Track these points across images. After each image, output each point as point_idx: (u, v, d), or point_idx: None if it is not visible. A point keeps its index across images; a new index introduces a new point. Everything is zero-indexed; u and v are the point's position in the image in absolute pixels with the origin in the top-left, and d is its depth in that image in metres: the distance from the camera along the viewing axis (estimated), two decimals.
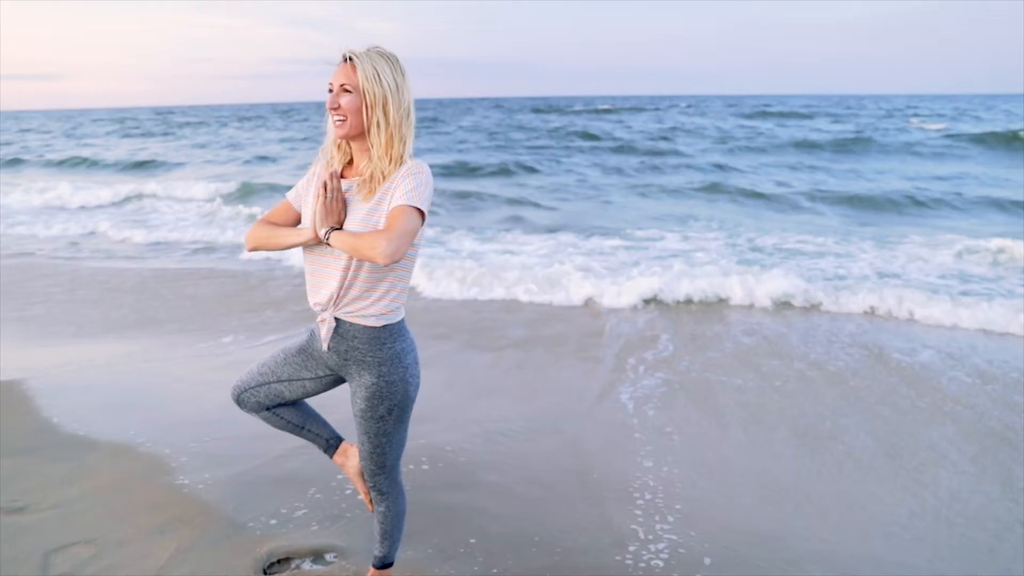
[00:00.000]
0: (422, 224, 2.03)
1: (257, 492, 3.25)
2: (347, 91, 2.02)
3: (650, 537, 2.92)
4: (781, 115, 38.39)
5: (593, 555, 2.80)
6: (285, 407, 2.40)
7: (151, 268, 8.29)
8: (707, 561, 2.76)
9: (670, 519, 3.06)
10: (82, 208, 14.02)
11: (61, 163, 23.95)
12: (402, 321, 2.20)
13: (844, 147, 22.13)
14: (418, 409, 4.08)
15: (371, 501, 2.43)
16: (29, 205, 14.20)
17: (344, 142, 2.14)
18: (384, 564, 2.49)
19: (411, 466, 3.51)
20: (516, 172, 18.21)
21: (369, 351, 2.15)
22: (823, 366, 4.98)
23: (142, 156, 24.97)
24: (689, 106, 52.45)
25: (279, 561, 2.75)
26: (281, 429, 2.44)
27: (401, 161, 2.06)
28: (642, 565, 2.74)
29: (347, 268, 2.07)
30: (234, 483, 3.33)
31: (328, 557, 2.77)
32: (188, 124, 46.36)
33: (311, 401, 2.46)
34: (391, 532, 2.45)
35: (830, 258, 8.26)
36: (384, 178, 2.05)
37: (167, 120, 53.85)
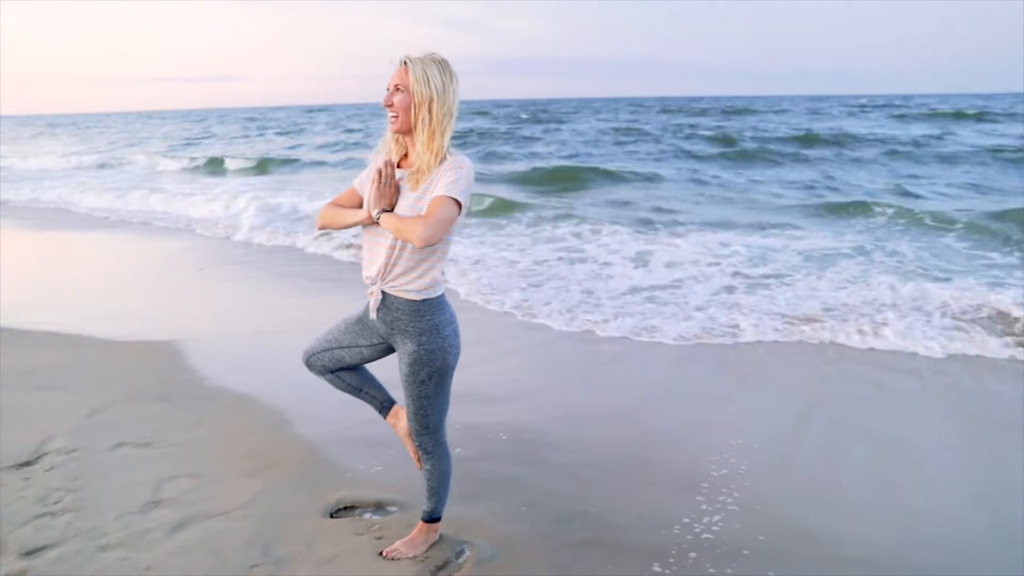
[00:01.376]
0: (459, 213, 2.27)
1: (341, 449, 3.61)
2: (400, 91, 2.29)
3: (694, 524, 2.98)
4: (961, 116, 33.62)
5: (634, 533, 2.90)
6: (346, 371, 2.71)
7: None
8: (745, 552, 2.79)
9: (720, 510, 3.09)
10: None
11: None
12: (442, 296, 2.45)
13: None
14: (504, 389, 4.42)
15: (419, 459, 2.68)
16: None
17: (401, 136, 2.40)
18: (431, 518, 2.75)
19: (487, 439, 3.75)
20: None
21: (411, 322, 2.41)
22: (927, 380, 4.70)
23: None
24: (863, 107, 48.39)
25: (345, 508, 3.08)
26: (342, 390, 2.76)
27: (441, 154, 2.30)
28: (677, 547, 2.81)
29: (393, 247, 2.34)
30: (324, 440, 3.71)
31: (389, 509, 3.06)
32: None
33: (370, 367, 2.75)
34: (437, 489, 2.70)
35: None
36: (428, 170, 2.29)
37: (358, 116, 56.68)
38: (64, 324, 5.61)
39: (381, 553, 2.71)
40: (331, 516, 3.01)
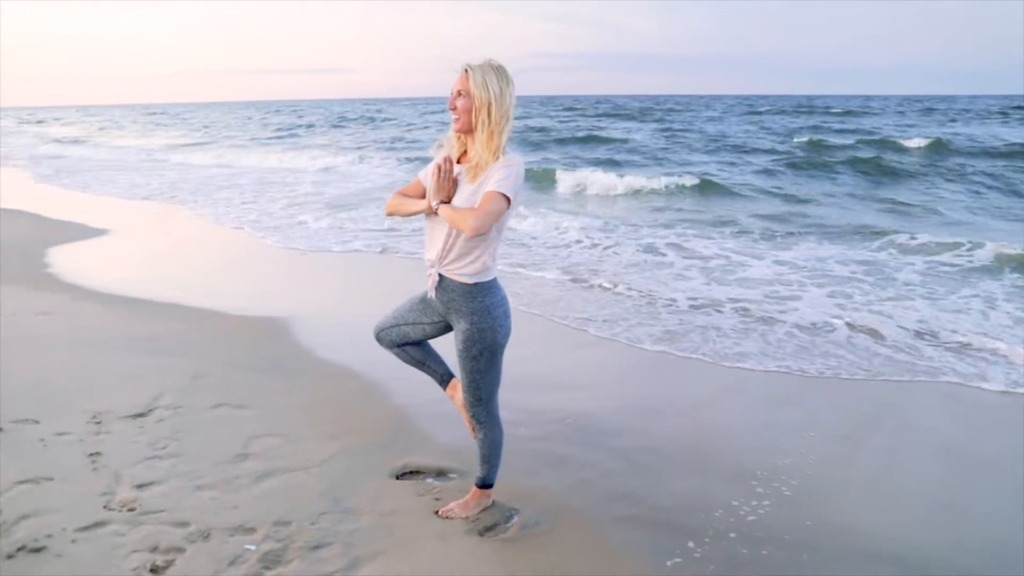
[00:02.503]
0: (508, 207, 2.52)
1: (414, 421, 3.93)
2: (461, 95, 2.55)
3: (739, 509, 3.10)
4: None
5: (675, 513, 3.06)
6: (410, 345, 3.01)
7: None
8: (785, 537, 2.89)
9: (768, 499, 3.19)
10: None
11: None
12: (493, 280, 2.70)
13: None
14: (573, 378, 4.63)
15: (473, 429, 2.95)
16: None
17: (462, 135, 2.67)
18: (484, 484, 3.01)
19: (551, 422, 3.97)
20: None
21: (464, 302, 2.68)
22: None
23: None
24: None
25: (411, 472, 3.38)
26: (407, 364, 3.06)
27: (499, 153, 2.54)
28: (715, 529, 2.95)
29: (449, 235, 2.62)
30: (401, 412, 4.04)
31: (449, 476, 3.34)
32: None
33: (432, 343, 3.04)
34: (489, 457, 2.96)
35: None
36: (485, 166, 2.55)
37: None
38: (183, 297, 6.24)
39: (437, 512, 2.99)
40: (397, 478, 3.32)
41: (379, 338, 3.03)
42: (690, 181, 14.74)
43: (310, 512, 2.94)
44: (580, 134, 27.36)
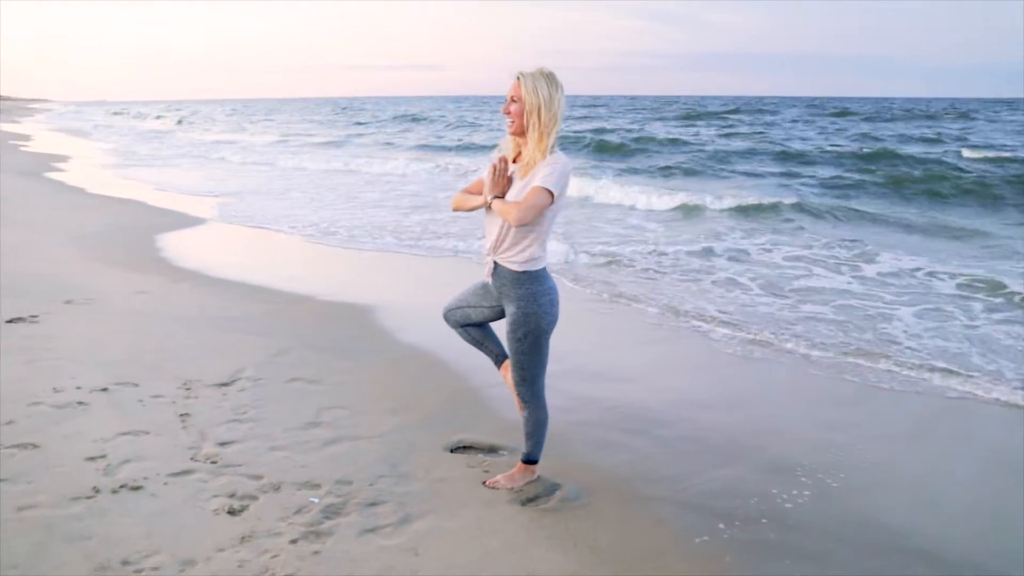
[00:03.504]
0: (551, 202, 2.78)
1: (475, 402, 4.22)
2: (515, 101, 2.81)
3: (771, 500, 3.24)
4: None
5: (709, 497, 3.23)
6: (472, 326, 3.30)
7: None
8: (816, 526, 3.03)
9: (806, 492, 3.32)
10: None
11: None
12: (541, 270, 2.96)
13: None
14: (625, 371, 4.82)
15: (520, 407, 3.21)
16: None
17: (515, 137, 2.93)
18: (528, 459, 3.26)
19: (602, 409, 4.19)
20: None
21: (513, 289, 2.95)
22: None
23: None
24: None
25: (464, 447, 3.66)
26: (468, 343, 3.35)
27: (547, 152, 2.80)
28: (747, 514, 3.11)
29: (502, 226, 2.90)
30: (461, 393, 4.34)
31: (500, 453, 3.61)
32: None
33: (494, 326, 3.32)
34: (533, 434, 3.21)
35: None
36: (535, 164, 2.81)
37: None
38: (274, 283, 6.76)
39: (484, 483, 3.26)
40: (451, 451, 3.61)
41: (445, 317, 3.34)
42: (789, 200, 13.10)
43: (369, 474, 3.26)
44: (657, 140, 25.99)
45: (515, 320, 2.98)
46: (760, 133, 29.94)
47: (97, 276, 6.80)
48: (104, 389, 4.03)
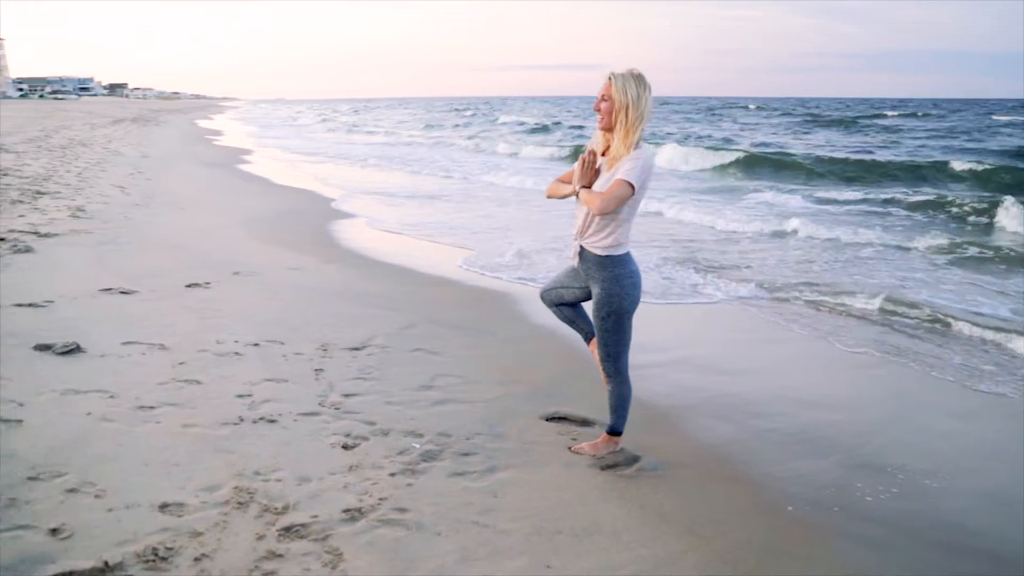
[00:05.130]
0: (632, 194, 3.09)
1: (576, 381, 4.54)
2: (605, 99, 3.13)
3: (849, 493, 3.34)
4: None
5: (785, 483, 3.38)
6: (564, 306, 3.65)
7: None
8: (890, 521, 3.12)
9: (894, 489, 3.38)
10: None
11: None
12: (624, 255, 3.27)
13: None
14: (738, 366, 4.98)
15: (605, 381, 3.52)
16: None
17: (605, 132, 3.25)
18: (612, 431, 3.57)
19: (700, 398, 4.41)
20: None
21: (597, 271, 3.28)
22: None
23: None
24: None
25: (559, 418, 4.01)
26: (561, 320, 3.71)
27: (632, 148, 3.09)
28: (820, 499, 3.24)
29: (588, 214, 3.24)
30: (567, 372, 4.69)
31: (592, 425, 3.92)
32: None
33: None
34: (616, 407, 3.51)
35: None
36: (620, 158, 3.12)
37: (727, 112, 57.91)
38: (418, 265, 7.43)
39: (570, 448, 3.60)
40: (546, 420, 3.97)
41: (542, 297, 3.71)
42: None
43: (467, 431, 3.69)
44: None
45: (599, 300, 3.30)
46: None
47: (262, 253, 7.76)
48: (256, 344, 4.74)
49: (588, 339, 3.66)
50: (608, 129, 3.19)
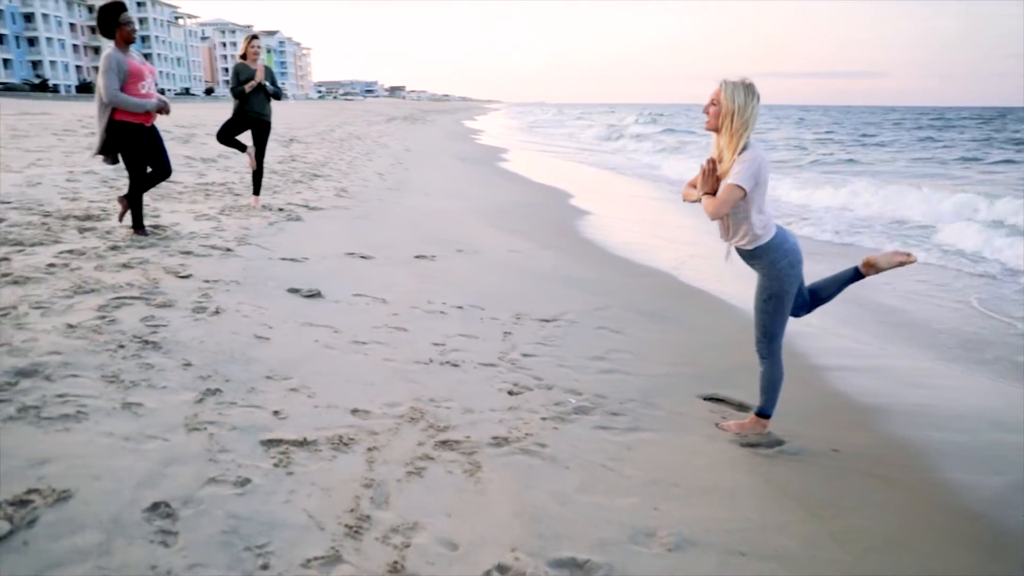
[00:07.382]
0: (743, 196, 3.30)
1: (750, 373, 4.71)
2: (714, 104, 3.36)
3: (1006, 510, 3.25)
4: None
5: (937, 490, 3.36)
6: (814, 299, 3.78)
7: None
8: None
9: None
10: None
11: None
12: (771, 240, 3.46)
13: None
14: (853, 360, 4.86)
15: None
16: None
17: (712, 133, 3.45)
18: (761, 412, 3.76)
19: (854, 392, 4.40)
20: None
21: (751, 262, 3.56)
22: None
23: None
24: None
25: (716, 399, 4.25)
26: (830, 300, 3.85)
27: (737, 152, 3.30)
28: (967, 511, 3.20)
29: (725, 216, 3.47)
30: (740, 363, 4.86)
31: (746, 410, 4.12)
32: None
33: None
34: (767, 389, 3.71)
35: None
36: (729, 163, 3.35)
37: None
38: (631, 254, 7.88)
39: (717, 424, 3.85)
40: (703, 399, 4.23)
41: (795, 315, 3.88)
42: None
43: (623, 397, 4.07)
44: None
45: (761, 286, 3.54)
46: None
47: (488, 237, 8.63)
48: (460, 307, 5.48)
49: (855, 277, 3.72)
50: (714, 130, 3.40)
